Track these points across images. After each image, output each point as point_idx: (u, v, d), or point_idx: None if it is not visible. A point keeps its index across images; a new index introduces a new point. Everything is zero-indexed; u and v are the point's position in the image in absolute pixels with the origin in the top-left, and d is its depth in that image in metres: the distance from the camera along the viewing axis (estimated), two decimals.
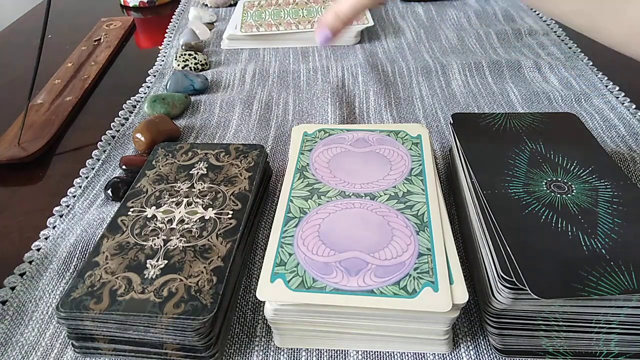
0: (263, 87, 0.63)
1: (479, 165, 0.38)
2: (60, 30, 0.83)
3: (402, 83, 0.63)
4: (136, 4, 0.91)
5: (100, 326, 0.31)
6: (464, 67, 0.64)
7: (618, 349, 0.31)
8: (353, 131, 0.45)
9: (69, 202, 0.47)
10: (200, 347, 0.31)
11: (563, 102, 0.58)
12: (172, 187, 0.41)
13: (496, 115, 0.44)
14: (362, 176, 0.40)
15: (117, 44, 0.77)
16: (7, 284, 0.39)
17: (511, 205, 0.34)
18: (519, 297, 0.30)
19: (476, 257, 0.35)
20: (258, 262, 0.40)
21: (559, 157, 0.39)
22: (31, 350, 0.34)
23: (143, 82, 0.66)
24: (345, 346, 0.33)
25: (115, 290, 0.32)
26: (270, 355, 0.33)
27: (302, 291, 0.31)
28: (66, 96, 0.63)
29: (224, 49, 0.74)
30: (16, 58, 0.77)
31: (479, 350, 0.33)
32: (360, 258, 0.32)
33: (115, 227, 0.37)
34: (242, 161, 0.43)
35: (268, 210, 0.45)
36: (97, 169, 0.51)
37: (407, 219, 0.35)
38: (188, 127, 0.57)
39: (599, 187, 0.36)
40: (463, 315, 0.35)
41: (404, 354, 0.33)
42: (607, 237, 0.31)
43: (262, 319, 0.36)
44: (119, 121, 0.58)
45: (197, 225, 0.37)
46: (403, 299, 0.30)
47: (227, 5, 0.89)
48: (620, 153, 0.48)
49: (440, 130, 0.55)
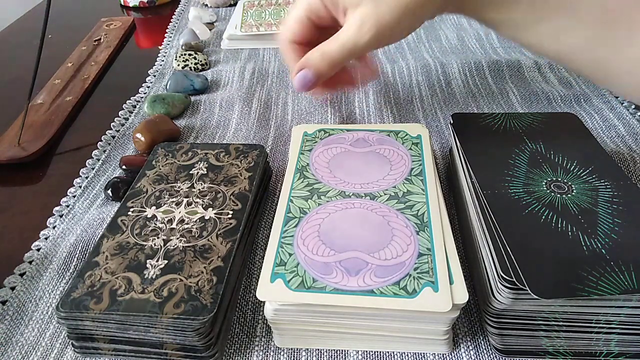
0: (262, 85, 0.63)
1: (479, 165, 0.38)
2: (60, 30, 0.83)
3: (401, 83, 0.63)
4: (136, 4, 0.91)
5: (100, 326, 0.31)
6: (463, 67, 0.64)
7: (618, 349, 0.31)
8: (353, 131, 0.45)
9: (69, 202, 0.47)
10: (200, 347, 0.31)
11: (563, 102, 0.58)
12: (172, 187, 0.41)
13: (496, 116, 0.44)
14: (362, 176, 0.40)
15: (117, 44, 0.77)
16: (7, 284, 0.39)
17: (511, 205, 0.34)
18: (519, 297, 0.30)
19: (476, 257, 0.35)
20: (258, 262, 0.40)
21: (559, 157, 0.39)
22: (31, 350, 0.34)
23: (143, 82, 0.66)
24: (345, 346, 0.33)
25: (115, 290, 0.32)
26: (270, 355, 0.33)
27: (302, 291, 0.31)
28: (66, 96, 0.63)
29: (223, 49, 0.74)
30: (16, 58, 0.77)
31: (479, 350, 0.33)
32: (360, 258, 0.32)
33: (115, 227, 0.37)
34: (242, 161, 0.43)
35: (268, 210, 0.45)
36: (97, 169, 0.51)
37: (407, 219, 0.35)
38: (188, 127, 0.57)
39: (599, 187, 0.36)
40: (463, 315, 0.35)
41: (404, 354, 0.33)
42: (607, 237, 0.31)
43: (262, 319, 0.36)
44: (119, 121, 0.58)
45: (197, 225, 0.37)
46: (403, 299, 0.30)
47: (227, 5, 0.89)
48: (620, 153, 0.48)
49: (440, 130, 0.55)
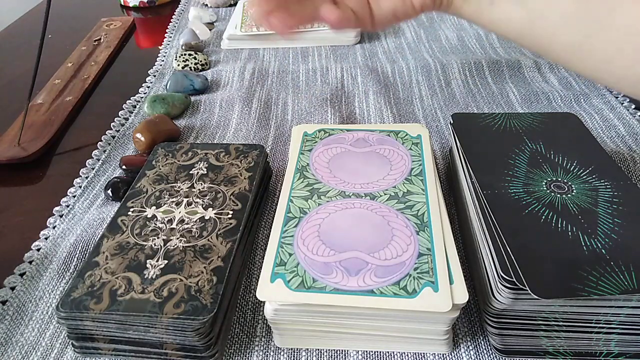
0: (262, 86, 0.63)
1: (479, 165, 0.38)
2: (60, 30, 0.83)
3: (401, 83, 0.63)
4: (136, 4, 0.91)
5: (100, 326, 0.31)
6: (463, 67, 0.64)
7: (618, 349, 0.31)
8: (353, 131, 0.45)
9: (69, 202, 0.47)
10: (200, 347, 0.31)
11: (563, 102, 0.58)
12: (172, 187, 0.41)
13: (496, 116, 0.44)
14: (362, 176, 0.40)
15: (117, 44, 0.77)
16: (7, 284, 0.39)
17: (511, 205, 0.34)
18: (519, 297, 0.30)
19: (476, 257, 0.35)
20: (258, 262, 0.40)
21: (559, 157, 0.39)
22: (31, 350, 0.34)
23: (143, 82, 0.66)
24: (345, 346, 0.33)
25: (115, 290, 0.32)
26: (270, 355, 0.33)
27: (302, 291, 0.31)
28: (66, 96, 0.63)
29: (223, 49, 0.74)
30: (16, 58, 0.77)
31: (479, 350, 0.33)
32: (360, 258, 0.32)
33: (115, 227, 0.37)
34: (242, 161, 0.43)
35: (268, 210, 0.45)
36: (97, 169, 0.51)
37: (407, 219, 0.35)
38: (188, 127, 0.57)
39: (599, 187, 0.36)
40: (463, 315, 0.35)
41: (404, 354, 0.33)
42: (607, 237, 0.31)
43: (262, 319, 0.36)
44: (119, 121, 0.58)
45: (197, 225, 0.37)
46: (403, 299, 0.30)
47: (227, 5, 0.89)
48: (620, 153, 0.48)
49: (440, 130, 0.55)
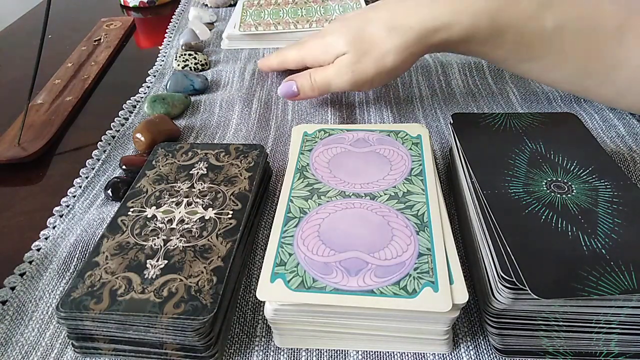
0: (262, 86, 0.63)
1: (479, 165, 0.38)
2: (60, 30, 0.83)
3: (401, 83, 0.63)
4: (136, 4, 0.91)
5: (100, 326, 0.31)
6: (463, 66, 0.64)
7: (618, 349, 0.31)
8: (353, 131, 0.45)
9: (69, 202, 0.47)
10: (200, 347, 0.31)
11: (563, 102, 0.58)
12: (172, 187, 0.41)
13: (496, 115, 0.44)
14: (362, 176, 0.40)
15: (117, 44, 0.77)
16: (7, 284, 0.39)
17: (511, 205, 0.34)
18: (519, 297, 0.30)
19: (476, 257, 0.35)
20: (258, 262, 0.40)
21: (559, 157, 0.39)
22: (31, 350, 0.34)
23: (143, 82, 0.66)
24: (345, 346, 0.33)
25: (115, 290, 0.32)
26: (270, 355, 0.33)
27: (302, 291, 0.31)
28: (66, 96, 0.63)
29: (223, 49, 0.74)
30: (16, 58, 0.77)
31: (479, 350, 0.33)
32: (360, 258, 0.32)
33: (115, 227, 0.37)
34: (242, 161, 0.43)
35: (268, 210, 0.45)
36: (97, 169, 0.51)
37: (407, 219, 0.35)
38: (188, 127, 0.57)
39: (599, 187, 0.36)
40: (463, 315, 0.35)
41: (404, 354, 0.33)
42: (607, 237, 0.31)
43: (262, 319, 0.36)
44: (119, 121, 0.58)
45: (197, 225, 0.37)
46: (403, 299, 0.30)
47: (227, 5, 0.89)
48: (620, 153, 0.48)
49: (440, 130, 0.55)
